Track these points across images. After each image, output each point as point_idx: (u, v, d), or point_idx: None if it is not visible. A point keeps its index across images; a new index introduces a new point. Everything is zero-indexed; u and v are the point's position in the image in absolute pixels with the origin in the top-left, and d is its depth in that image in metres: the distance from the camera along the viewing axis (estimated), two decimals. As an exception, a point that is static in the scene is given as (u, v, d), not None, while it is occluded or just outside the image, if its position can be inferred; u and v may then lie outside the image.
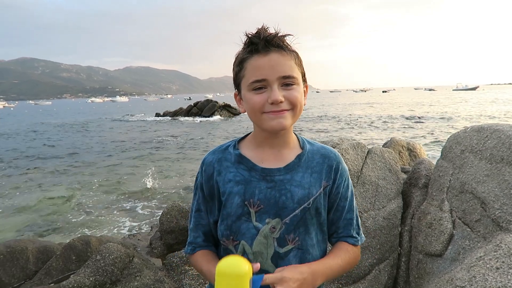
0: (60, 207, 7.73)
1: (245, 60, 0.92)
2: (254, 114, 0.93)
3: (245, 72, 0.92)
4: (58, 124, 32.75)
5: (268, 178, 0.97)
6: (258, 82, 0.90)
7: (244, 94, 0.95)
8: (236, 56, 0.96)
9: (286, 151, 1.01)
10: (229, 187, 0.98)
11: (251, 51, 0.91)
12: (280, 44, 0.91)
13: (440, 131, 18.02)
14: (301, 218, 0.96)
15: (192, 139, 18.84)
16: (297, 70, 0.93)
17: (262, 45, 0.89)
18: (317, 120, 26.85)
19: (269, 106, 0.90)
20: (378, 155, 2.75)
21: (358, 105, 46.63)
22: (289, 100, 0.90)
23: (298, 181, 0.97)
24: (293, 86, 0.92)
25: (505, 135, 2.16)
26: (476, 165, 2.23)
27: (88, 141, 19.42)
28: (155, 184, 9.27)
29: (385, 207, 2.57)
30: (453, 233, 2.21)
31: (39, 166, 12.69)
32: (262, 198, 0.96)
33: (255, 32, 0.91)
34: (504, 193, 1.99)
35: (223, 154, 1.03)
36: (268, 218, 0.95)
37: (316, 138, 17.38)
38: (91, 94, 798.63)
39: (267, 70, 0.89)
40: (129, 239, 4.96)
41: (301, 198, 0.96)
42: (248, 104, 0.93)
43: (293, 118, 0.93)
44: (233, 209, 0.97)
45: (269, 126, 0.91)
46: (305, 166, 1.00)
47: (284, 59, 0.91)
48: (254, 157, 1.00)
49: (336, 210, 1.04)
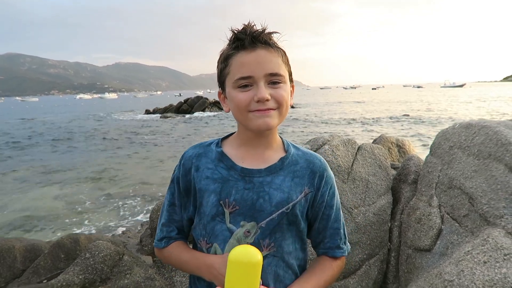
0: (48, 205, 7.62)
1: (231, 56, 0.89)
2: (240, 112, 0.89)
3: (230, 69, 0.89)
4: (45, 121, 32.20)
5: (247, 179, 0.93)
6: (244, 79, 0.86)
7: (229, 92, 0.91)
8: (220, 53, 0.92)
9: (269, 152, 0.97)
10: (205, 184, 0.94)
11: (237, 47, 0.87)
12: (267, 41, 0.88)
13: (429, 128, 18.26)
14: (278, 223, 0.92)
15: (182, 136, 18.75)
16: (284, 68, 0.90)
17: (249, 41, 0.86)
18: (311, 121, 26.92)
19: (255, 104, 0.86)
20: (368, 152, 2.77)
21: (350, 103, 46.92)
22: (275, 98, 0.87)
23: (278, 184, 0.93)
24: (280, 84, 0.88)
25: (492, 131, 2.20)
26: (464, 161, 2.26)
27: (76, 138, 19.15)
28: (145, 181, 9.21)
29: (375, 203, 2.60)
30: (442, 228, 2.24)
31: (26, 163, 12.48)
32: (238, 198, 0.91)
33: (241, 28, 0.87)
34: (491, 188, 2.02)
35: (204, 150, 1.00)
36: (243, 220, 0.91)
37: (304, 133, 17.46)
38: (79, 91, 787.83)
39: (254, 67, 0.85)
40: (119, 237, 4.92)
41: (279, 202, 0.91)
42: (233, 102, 0.89)
43: (279, 117, 0.90)
44: (208, 208, 0.93)
45: (254, 125, 0.88)
46: (287, 170, 0.96)
47: (271, 55, 0.87)
48: (235, 156, 0.97)
49: (321, 219, 1.00)
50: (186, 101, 34.08)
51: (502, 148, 2.08)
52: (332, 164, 2.51)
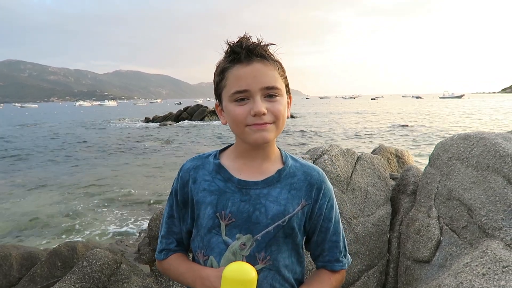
0: (45, 213, 7.57)
1: (227, 69, 0.88)
2: (237, 126, 0.89)
3: (227, 82, 0.88)
4: (42, 127, 32.20)
5: (244, 191, 0.92)
6: (240, 93, 0.86)
7: (225, 105, 0.90)
8: (217, 66, 0.92)
9: (267, 164, 0.97)
10: (202, 196, 0.94)
11: (233, 61, 0.87)
12: (263, 54, 0.87)
13: (428, 139, 18.30)
14: (274, 236, 0.91)
15: (182, 144, 18.74)
16: (281, 81, 0.90)
17: (245, 54, 0.85)
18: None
19: (251, 118, 0.86)
20: (368, 162, 2.78)
21: (350, 113, 47.05)
22: (272, 112, 0.87)
23: (274, 197, 0.92)
24: (277, 97, 0.88)
25: (491, 143, 2.21)
26: (463, 172, 2.27)
27: (74, 146, 19.12)
28: (144, 189, 9.18)
29: (374, 213, 2.60)
30: (441, 240, 2.24)
31: (23, 170, 12.45)
32: (234, 211, 0.91)
33: (237, 41, 0.87)
34: (490, 200, 2.02)
35: (202, 162, 1.00)
36: (239, 233, 0.91)
37: (303, 143, 17.47)
38: (79, 98, 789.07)
39: (250, 81, 0.85)
40: (117, 245, 4.88)
41: (275, 214, 0.91)
42: (230, 116, 0.89)
43: (276, 131, 0.89)
44: (205, 220, 0.93)
45: (251, 139, 0.87)
46: (284, 182, 0.95)
47: (267, 69, 0.87)
48: (233, 168, 0.96)
49: (320, 232, 0.99)
50: (185, 109, 34.18)
51: (500, 160, 2.09)
52: (332, 174, 2.51)
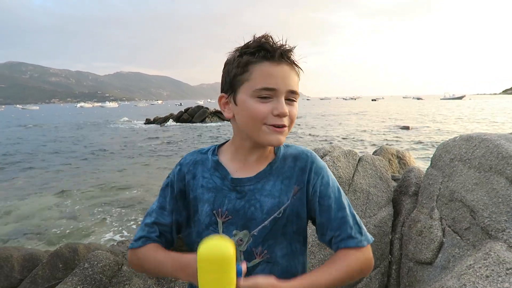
0: (47, 214, 7.58)
1: (253, 63, 0.86)
2: (254, 123, 0.87)
3: (252, 76, 0.86)
4: (43, 129, 32.24)
5: (238, 188, 0.93)
6: (268, 91, 0.85)
7: (244, 99, 0.88)
8: (236, 57, 0.89)
9: (261, 158, 0.97)
10: (200, 193, 0.94)
11: (264, 57, 0.86)
12: (292, 58, 0.89)
13: (429, 140, 18.27)
14: (270, 229, 0.91)
15: (182, 145, 18.75)
16: (298, 87, 0.91)
17: (278, 54, 0.85)
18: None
19: (272, 118, 0.86)
20: (369, 163, 2.77)
21: (351, 114, 47.03)
22: (290, 116, 0.88)
23: (268, 190, 0.92)
24: (294, 102, 0.90)
25: (493, 144, 2.21)
26: (465, 174, 2.26)
27: (75, 147, 19.15)
28: (146, 190, 9.18)
29: (376, 215, 2.59)
30: (443, 241, 2.23)
31: (25, 172, 12.46)
32: (230, 208, 0.91)
33: (264, 39, 0.86)
34: (492, 201, 2.02)
35: (201, 158, 1.00)
36: (236, 229, 0.91)
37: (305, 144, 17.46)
38: (80, 99, 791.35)
39: (280, 80, 0.85)
40: (118, 246, 4.87)
41: (270, 208, 0.91)
42: (249, 111, 0.87)
43: (287, 134, 0.91)
44: (202, 217, 0.93)
45: (266, 139, 0.88)
46: (276, 174, 0.94)
47: (293, 73, 0.89)
48: (230, 165, 0.96)
49: (321, 211, 0.93)
50: (186, 111, 34.20)
51: (503, 161, 2.09)
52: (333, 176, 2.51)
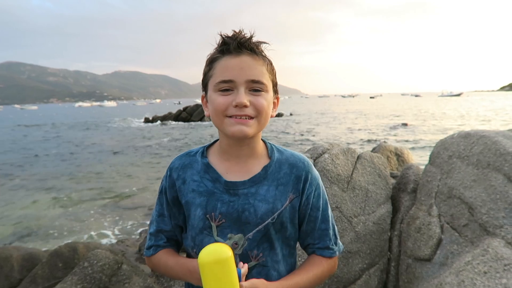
0: (46, 214, 7.58)
1: (215, 60, 0.88)
2: (217, 116, 0.88)
3: (214, 71, 0.88)
4: (42, 129, 32.18)
5: (232, 192, 0.92)
6: (225, 83, 0.86)
7: (210, 95, 0.90)
8: (207, 57, 0.92)
9: (253, 161, 0.96)
10: (191, 197, 0.94)
11: (223, 51, 0.87)
12: (253, 48, 0.88)
13: (428, 137, 18.31)
14: (265, 233, 0.92)
15: (180, 143, 18.74)
16: (268, 78, 0.90)
17: (234, 45, 0.85)
18: (306, 125, 26.93)
19: (232, 110, 0.85)
20: (368, 160, 2.78)
21: (349, 111, 47.05)
22: (254, 106, 0.86)
23: (262, 195, 0.92)
24: (261, 92, 0.88)
25: (491, 141, 2.22)
26: (464, 171, 2.27)
27: (74, 147, 19.12)
28: (145, 190, 9.17)
29: (375, 212, 2.60)
30: (442, 238, 2.24)
31: (24, 171, 12.44)
32: (224, 212, 0.91)
33: (231, 34, 0.87)
34: (490, 198, 2.03)
35: (190, 161, 1.00)
36: (230, 233, 0.91)
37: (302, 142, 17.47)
38: (79, 99, 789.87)
39: (236, 72, 0.85)
40: (118, 245, 4.88)
41: (264, 213, 0.91)
42: (212, 105, 0.88)
43: (257, 126, 0.89)
44: (196, 221, 0.93)
45: (230, 131, 0.87)
46: (271, 178, 0.94)
47: (255, 63, 0.87)
48: (220, 167, 0.96)
49: (309, 221, 0.99)
50: (185, 109, 34.17)
51: (500, 158, 2.10)
52: (332, 173, 2.51)
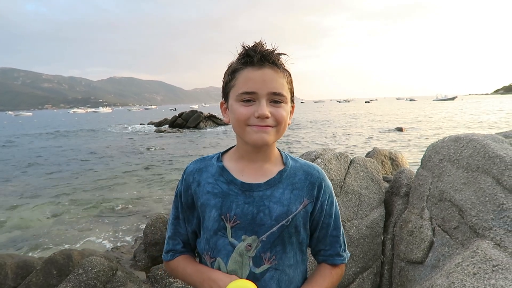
0: (40, 221, 7.52)
1: (238, 70, 0.92)
2: (239, 125, 0.92)
3: (236, 82, 0.92)
4: (39, 136, 31.99)
5: (247, 193, 0.95)
6: (248, 94, 0.89)
7: (231, 104, 0.94)
8: (229, 66, 0.96)
9: (268, 165, 1.00)
10: (206, 199, 0.97)
11: (246, 63, 0.91)
12: (275, 61, 0.91)
13: (422, 141, 18.43)
14: (278, 236, 0.94)
15: (175, 150, 18.70)
16: (287, 89, 0.94)
17: (258, 58, 0.89)
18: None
19: (254, 120, 0.89)
20: (361, 165, 2.81)
21: (345, 116, 47.23)
22: (275, 117, 0.90)
23: (277, 198, 0.95)
24: (281, 104, 0.92)
25: (480, 144, 2.26)
26: (454, 174, 2.31)
27: (68, 153, 19.00)
28: (140, 196, 9.14)
29: (368, 216, 2.62)
30: (433, 241, 2.27)
31: (17, 179, 12.34)
32: (239, 213, 0.94)
33: (252, 45, 0.91)
34: (480, 200, 2.06)
35: (205, 165, 1.03)
36: (244, 234, 0.93)
37: (299, 148, 17.52)
38: (73, 105, 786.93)
39: (259, 84, 0.89)
40: (112, 252, 4.87)
41: (279, 215, 0.94)
42: (234, 114, 0.92)
43: (276, 135, 0.93)
44: (210, 222, 0.96)
45: (251, 139, 0.91)
46: (286, 183, 0.98)
47: (276, 76, 0.91)
48: (235, 170, 0.99)
49: (321, 228, 1.02)
50: (180, 115, 34.11)
51: (489, 161, 2.13)
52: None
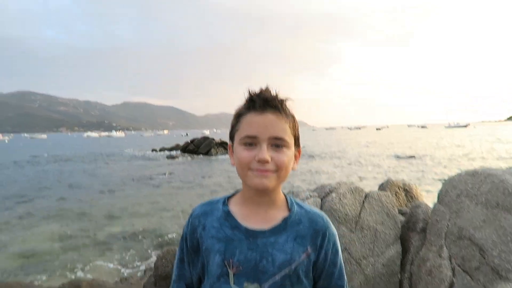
0: (49, 248, 7.50)
1: (242, 115, 0.95)
2: (241, 168, 0.93)
3: (240, 126, 0.94)
4: (50, 160, 32.54)
5: (251, 240, 0.95)
6: (249, 138, 0.91)
7: (235, 147, 0.96)
8: (236, 110, 0.98)
9: (273, 211, 1.00)
10: (210, 243, 0.97)
11: (249, 108, 0.93)
12: (277, 106, 0.93)
13: (436, 170, 18.11)
14: (280, 284, 0.93)
15: (189, 177, 18.70)
16: (290, 134, 0.94)
17: (260, 103, 0.92)
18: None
19: (255, 164, 0.90)
20: (376, 199, 2.77)
21: (356, 143, 46.97)
22: (275, 161, 0.91)
23: (281, 245, 0.95)
24: (283, 148, 0.92)
25: (498, 179, 2.21)
26: (473, 210, 2.25)
27: (79, 179, 19.17)
28: (152, 226, 9.07)
29: (384, 253, 2.55)
30: (453, 281, 2.18)
31: (28, 203, 12.44)
32: (242, 259, 0.93)
33: (258, 91, 0.94)
34: (501, 239, 1.99)
35: (211, 208, 1.03)
36: (247, 281, 0.92)
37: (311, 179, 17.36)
38: (87, 128, 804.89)
39: (260, 128, 0.91)
40: (122, 284, 4.81)
41: (282, 263, 0.93)
42: (237, 157, 0.94)
43: (277, 180, 0.93)
44: (214, 267, 0.95)
45: (252, 183, 0.91)
46: (290, 230, 0.97)
47: (278, 121, 0.92)
48: (240, 215, 0.99)
49: (326, 277, 1.01)
50: (192, 141, 34.42)
51: (509, 198, 2.08)
52: (340, 213, 2.50)
